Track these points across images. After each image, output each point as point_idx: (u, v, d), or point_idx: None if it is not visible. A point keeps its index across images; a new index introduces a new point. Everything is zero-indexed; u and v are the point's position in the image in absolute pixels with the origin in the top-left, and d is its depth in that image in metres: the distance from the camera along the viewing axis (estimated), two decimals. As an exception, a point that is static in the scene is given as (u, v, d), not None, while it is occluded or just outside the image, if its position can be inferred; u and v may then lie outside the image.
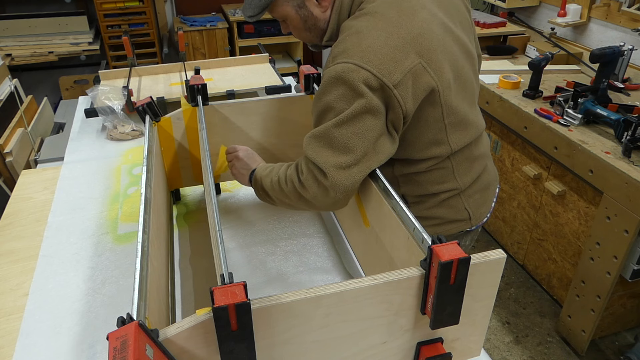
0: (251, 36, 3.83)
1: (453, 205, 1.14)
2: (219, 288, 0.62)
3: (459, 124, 1.06)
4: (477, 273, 0.71)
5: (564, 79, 2.28)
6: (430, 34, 0.96)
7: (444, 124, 1.03)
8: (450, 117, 1.03)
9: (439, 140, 1.05)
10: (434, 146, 1.05)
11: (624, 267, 1.74)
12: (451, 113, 1.03)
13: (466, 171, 1.13)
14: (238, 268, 1.16)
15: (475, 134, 1.12)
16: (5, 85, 2.18)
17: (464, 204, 1.15)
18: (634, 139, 1.69)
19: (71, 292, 1.09)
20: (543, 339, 2.12)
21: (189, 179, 1.37)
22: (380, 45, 0.91)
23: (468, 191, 1.15)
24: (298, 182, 0.99)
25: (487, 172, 1.21)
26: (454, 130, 1.05)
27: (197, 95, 1.25)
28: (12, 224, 1.32)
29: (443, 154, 1.07)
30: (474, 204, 1.17)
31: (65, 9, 3.53)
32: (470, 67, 1.09)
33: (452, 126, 1.05)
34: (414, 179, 1.10)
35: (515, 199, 2.32)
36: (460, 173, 1.12)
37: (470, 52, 1.09)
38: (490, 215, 1.26)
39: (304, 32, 1.10)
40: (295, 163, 1.03)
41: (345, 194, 0.95)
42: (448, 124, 1.03)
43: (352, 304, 0.69)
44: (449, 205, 1.14)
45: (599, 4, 2.47)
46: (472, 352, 0.84)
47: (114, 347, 0.55)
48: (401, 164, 1.09)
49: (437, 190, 1.12)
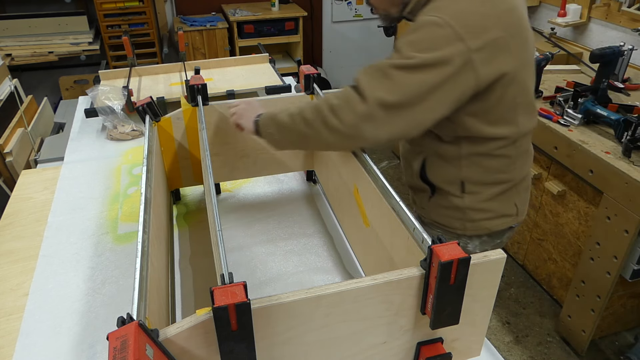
0: (251, 36, 3.83)
1: (506, 199, 1.16)
2: (219, 288, 0.62)
3: (527, 106, 1.07)
4: (477, 273, 0.71)
5: (564, 79, 2.28)
6: (518, 12, 0.99)
7: (515, 103, 1.04)
8: (521, 96, 1.04)
9: (509, 119, 1.05)
10: (503, 125, 1.05)
11: (624, 267, 1.74)
12: (523, 93, 1.04)
13: (523, 164, 1.16)
14: (238, 268, 1.16)
15: (535, 124, 1.14)
16: (5, 85, 2.18)
17: (515, 199, 1.18)
18: (634, 139, 1.69)
19: (71, 292, 1.09)
20: (543, 339, 2.12)
21: (189, 179, 1.37)
22: (472, 11, 0.93)
23: (519, 186, 1.18)
24: (328, 108, 0.97)
25: (530, 173, 1.25)
26: (523, 111, 1.06)
27: (197, 95, 1.25)
28: (12, 224, 1.32)
29: (511, 135, 1.07)
30: (521, 200, 1.21)
31: (65, 9, 3.53)
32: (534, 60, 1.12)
33: (522, 107, 1.06)
34: (479, 162, 1.10)
35: (515, 199, 2.32)
36: (519, 165, 1.14)
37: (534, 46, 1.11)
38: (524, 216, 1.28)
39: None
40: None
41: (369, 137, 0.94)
42: (519, 104, 1.04)
43: (352, 304, 0.69)
44: (501, 199, 1.16)
45: (599, 4, 2.47)
46: (472, 352, 0.84)
47: (114, 347, 0.55)
48: (469, 143, 1.09)
49: (496, 180, 1.13)
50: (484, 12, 0.94)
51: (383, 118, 0.93)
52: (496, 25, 0.93)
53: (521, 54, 0.99)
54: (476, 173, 1.12)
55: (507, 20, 0.95)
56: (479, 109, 1.02)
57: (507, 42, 0.95)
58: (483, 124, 1.05)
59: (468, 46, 0.91)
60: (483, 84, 0.96)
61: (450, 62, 0.91)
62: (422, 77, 0.91)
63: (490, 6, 0.94)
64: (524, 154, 1.15)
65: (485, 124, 1.05)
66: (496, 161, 1.10)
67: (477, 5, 0.94)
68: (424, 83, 0.91)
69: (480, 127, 1.05)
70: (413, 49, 0.92)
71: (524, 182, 1.19)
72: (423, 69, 0.91)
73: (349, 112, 0.94)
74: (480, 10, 0.93)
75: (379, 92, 0.92)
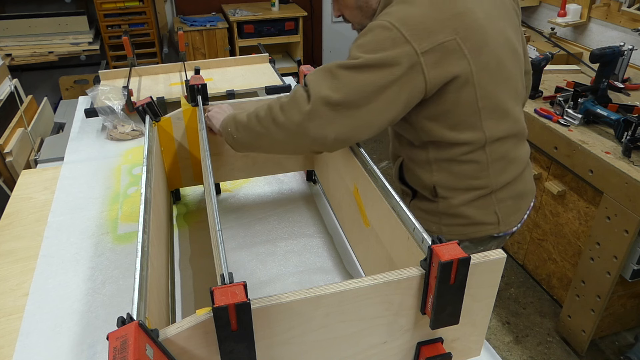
0: (251, 36, 3.83)
1: (483, 206, 1.13)
2: (219, 288, 0.62)
3: (494, 111, 1.05)
4: (477, 273, 0.71)
5: (564, 79, 2.28)
6: (471, 15, 0.97)
7: (477, 107, 1.02)
8: (484, 101, 1.02)
9: (472, 124, 1.04)
10: (467, 130, 1.04)
11: (624, 267, 1.74)
12: (485, 97, 1.02)
13: (501, 171, 1.11)
14: (238, 268, 1.16)
15: (514, 130, 1.10)
16: (5, 85, 2.18)
17: (495, 207, 1.14)
18: (634, 139, 1.69)
19: (71, 292, 1.09)
20: (543, 339, 2.12)
21: (189, 179, 1.37)
22: (420, 14, 0.94)
23: (500, 194, 1.13)
24: (278, 106, 1.00)
25: (524, 181, 1.19)
26: (488, 116, 1.04)
27: (197, 95, 1.25)
28: (12, 224, 1.32)
29: (476, 140, 1.05)
30: (505, 209, 1.15)
31: (65, 9, 3.53)
32: (514, 64, 1.08)
33: (487, 112, 1.04)
34: (448, 167, 1.10)
35: (515, 199, 2.32)
36: (495, 171, 1.10)
37: (516, 51, 1.09)
38: (520, 226, 1.23)
39: (355, 10, 1.10)
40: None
41: (315, 136, 0.96)
42: (482, 108, 1.02)
43: (352, 304, 0.69)
44: (478, 206, 1.13)
45: (599, 4, 2.47)
46: (472, 352, 0.84)
47: (114, 347, 0.55)
48: (435, 148, 1.08)
49: (469, 186, 1.11)
50: (433, 15, 0.94)
51: (328, 116, 0.94)
52: (445, 29, 0.93)
53: (478, 57, 0.97)
54: (446, 178, 1.11)
55: (458, 23, 0.95)
56: (436, 112, 1.02)
57: (458, 45, 0.94)
58: (444, 129, 1.04)
59: (415, 49, 0.91)
60: (433, 86, 0.96)
61: (397, 64, 0.91)
62: (367, 77, 0.92)
63: (439, 10, 0.95)
64: (501, 160, 1.10)
65: (446, 128, 1.04)
66: (466, 167, 1.09)
67: (425, 9, 0.94)
68: (370, 83, 0.92)
69: (441, 131, 1.05)
70: (360, 50, 0.94)
71: (506, 189, 1.14)
72: (368, 69, 0.92)
73: (296, 111, 0.97)
74: (429, 14, 0.94)
75: (324, 91, 0.94)
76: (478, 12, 0.99)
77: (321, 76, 0.96)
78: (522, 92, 1.15)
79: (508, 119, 1.08)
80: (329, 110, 0.94)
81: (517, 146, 1.14)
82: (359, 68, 0.92)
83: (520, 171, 1.17)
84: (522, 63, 1.13)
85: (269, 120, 1.01)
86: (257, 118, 1.04)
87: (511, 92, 1.08)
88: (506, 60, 1.05)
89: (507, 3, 1.10)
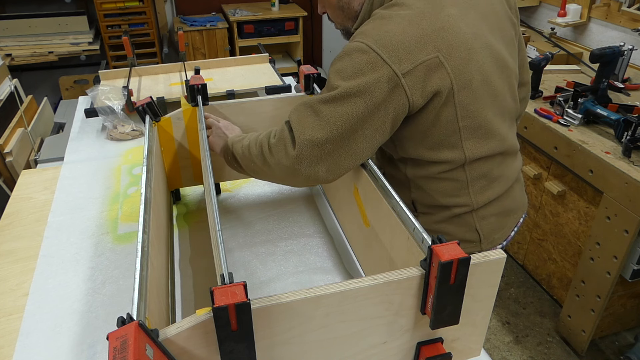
0: (251, 36, 3.83)
1: (463, 224, 1.10)
2: (219, 288, 0.62)
3: (476, 131, 1.00)
4: (477, 273, 0.71)
5: (564, 79, 2.28)
6: (454, 30, 0.92)
7: (457, 127, 0.97)
8: (465, 120, 0.97)
9: (452, 143, 0.99)
10: (446, 149, 1.00)
11: (624, 267, 1.74)
12: (467, 116, 0.97)
13: (482, 190, 1.07)
14: (238, 268, 1.16)
15: (500, 149, 1.05)
16: (5, 85, 2.18)
17: (476, 224, 1.10)
18: (634, 139, 1.69)
19: (71, 292, 1.09)
20: (543, 339, 2.12)
21: (189, 179, 1.37)
22: (398, 33, 0.89)
23: (482, 212, 1.09)
24: (267, 146, 0.99)
25: (511, 198, 1.14)
26: (470, 136, 0.99)
27: (197, 95, 1.25)
28: (12, 224, 1.32)
29: (456, 159, 1.01)
30: (488, 226, 1.11)
31: (65, 9, 3.54)
32: (503, 81, 1.03)
33: (468, 131, 0.99)
34: (426, 185, 1.07)
35: (515, 199, 2.32)
36: (475, 190, 1.06)
37: (506, 66, 1.03)
38: (507, 243, 1.19)
39: (337, 10, 1.07)
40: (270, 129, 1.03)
41: (307, 174, 0.95)
42: (463, 128, 0.98)
43: (352, 304, 0.69)
44: (459, 223, 1.09)
45: (599, 4, 2.47)
46: (472, 352, 0.84)
47: (114, 347, 0.55)
48: (413, 165, 1.06)
49: (448, 203, 1.07)
50: (412, 33, 0.89)
51: (316, 155, 0.92)
52: (426, 46, 0.89)
53: (461, 75, 0.92)
54: (424, 195, 1.09)
55: (439, 40, 0.90)
56: (415, 131, 0.98)
57: (440, 63, 0.90)
58: (422, 148, 1.01)
59: (394, 71, 0.87)
60: (416, 106, 0.92)
61: (378, 88, 0.87)
62: (349, 109, 0.89)
63: (418, 26, 0.90)
64: (482, 179, 1.06)
65: (424, 147, 1.01)
66: (445, 184, 1.05)
67: (404, 26, 0.89)
68: (353, 114, 0.89)
69: (419, 150, 1.02)
70: (339, 77, 0.90)
71: (489, 207, 1.10)
72: (349, 98, 0.88)
73: (283, 154, 0.96)
74: (409, 31, 0.89)
75: (307, 132, 0.92)
76: (462, 27, 0.93)
77: (303, 115, 0.94)
78: (513, 107, 1.09)
79: (493, 138, 1.03)
80: (316, 150, 0.92)
81: (502, 164, 1.09)
82: (340, 100, 0.89)
83: (506, 188, 1.12)
84: (513, 78, 1.07)
85: (261, 160, 1.01)
86: (251, 156, 1.03)
87: (498, 109, 1.03)
88: (493, 77, 0.99)
89: (499, 13, 1.04)
